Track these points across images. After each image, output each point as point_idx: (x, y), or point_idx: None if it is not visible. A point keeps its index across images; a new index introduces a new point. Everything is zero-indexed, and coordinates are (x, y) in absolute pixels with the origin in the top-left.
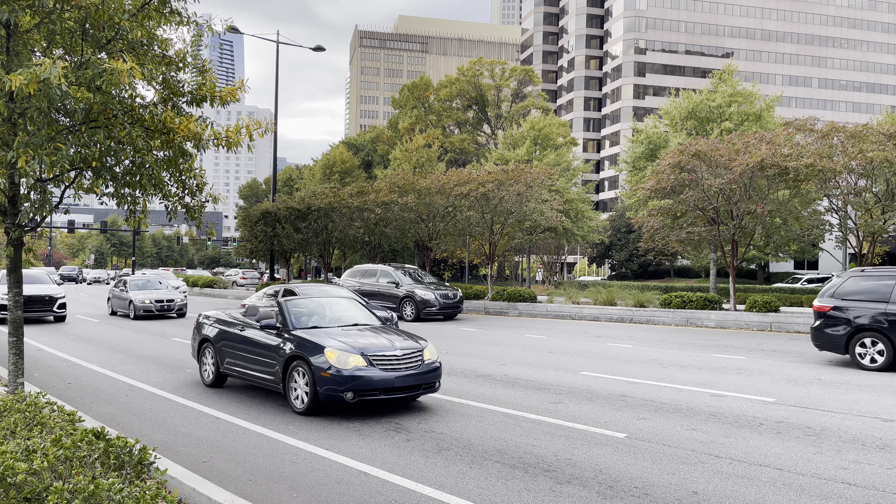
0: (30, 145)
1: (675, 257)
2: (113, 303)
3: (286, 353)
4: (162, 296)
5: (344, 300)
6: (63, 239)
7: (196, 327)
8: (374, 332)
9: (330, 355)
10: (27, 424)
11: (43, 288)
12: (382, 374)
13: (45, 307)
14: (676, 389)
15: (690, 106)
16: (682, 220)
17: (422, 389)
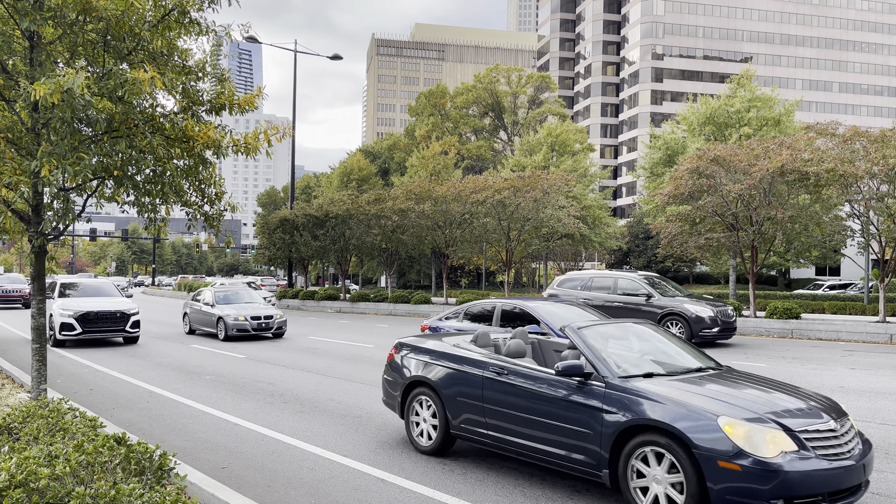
0: (53, 155)
1: (694, 263)
2: (192, 319)
3: (616, 420)
4: (258, 312)
5: (648, 328)
6: (85, 247)
7: (396, 363)
8: (741, 384)
9: (730, 429)
10: (50, 430)
11: (111, 302)
12: (826, 467)
13: (116, 326)
14: None
15: (708, 111)
16: (700, 226)
17: None
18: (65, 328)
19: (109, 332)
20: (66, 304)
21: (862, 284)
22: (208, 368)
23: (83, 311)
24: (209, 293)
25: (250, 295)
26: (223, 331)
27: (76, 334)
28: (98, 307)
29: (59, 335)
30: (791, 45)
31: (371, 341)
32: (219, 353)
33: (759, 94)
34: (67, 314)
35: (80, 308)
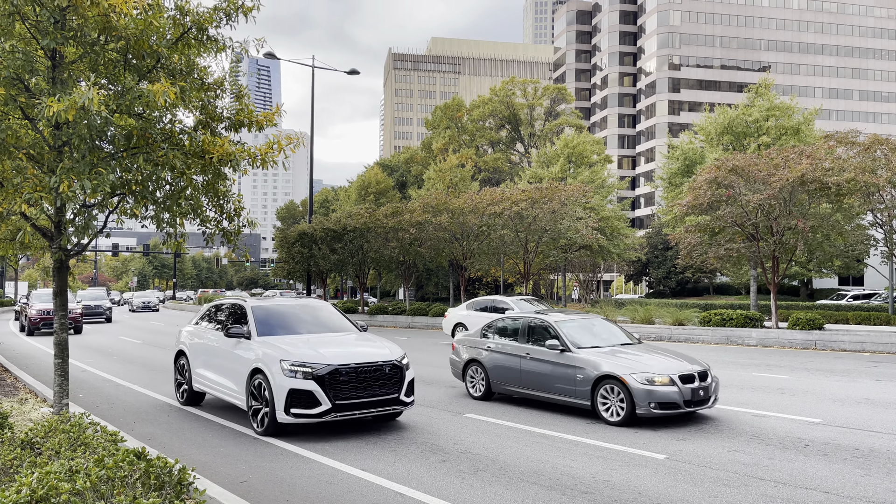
0: (73, 171)
1: (714, 274)
2: None
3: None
4: None
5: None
6: (107, 262)
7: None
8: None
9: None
10: (71, 445)
11: (361, 345)
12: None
13: (386, 393)
14: (717, 409)
15: (726, 121)
16: (720, 237)
17: None
18: (299, 401)
19: (379, 407)
20: (286, 349)
21: (886, 294)
22: None
23: (331, 365)
24: None
25: None
26: None
27: (322, 413)
28: (351, 357)
29: (286, 415)
30: (810, 54)
31: None
32: None
33: (777, 103)
34: (298, 371)
35: (321, 358)
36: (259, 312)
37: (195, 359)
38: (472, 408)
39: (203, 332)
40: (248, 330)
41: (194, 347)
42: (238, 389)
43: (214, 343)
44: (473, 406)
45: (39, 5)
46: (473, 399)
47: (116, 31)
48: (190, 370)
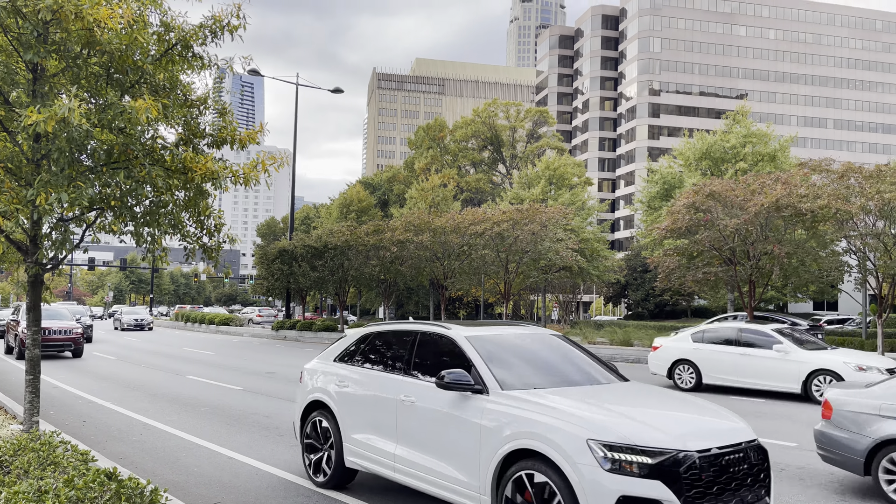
0: (50, 184)
1: (692, 297)
2: None
3: None
4: None
5: None
6: (83, 276)
7: None
8: None
9: None
10: (40, 464)
11: None
12: None
13: None
14: None
15: (705, 146)
16: (697, 261)
17: None
18: None
19: None
20: (583, 416)
21: (860, 319)
22: (203, 400)
23: (684, 450)
24: None
25: None
26: None
27: None
28: (703, 433)
29: None
30: (786, 83)
31: None
32: (214, 384)
33: (754, 130)
34: (627, 459)
35: (659, 435)
36: (486, 348)
37: (351, 417)
38: None
39: (365, 377)
40: (479, 378)
41: (349, 400)
42: (471, 483)
43: (397, 395)
44: None
45: (22, 18)
46: None
47: (100, 45)
48: (339, 434)
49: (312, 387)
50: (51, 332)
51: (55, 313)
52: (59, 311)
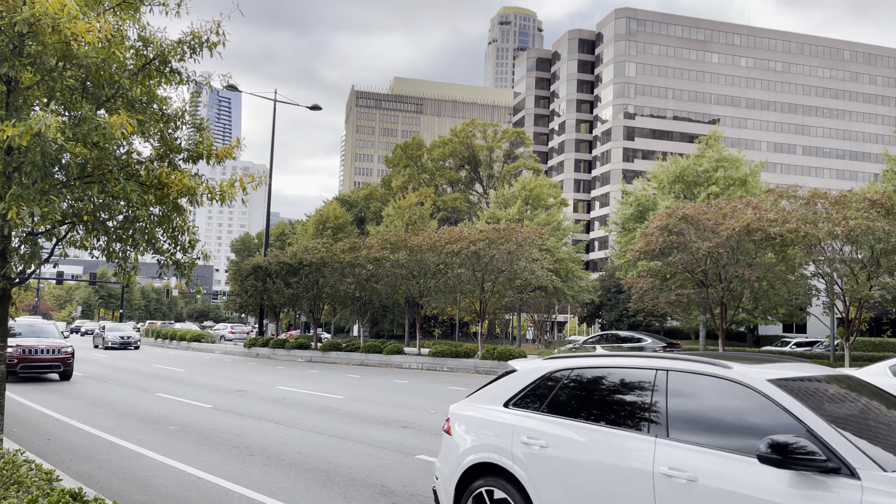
0: (22, 197)
1: (665, 318)
2: None
3: None
4: None
5: None
6: (51, 290)
7: None
8: None
9: None
10: (3, 483)
11: None
12: None
13: None
14: None
15: (678, 170)
16: (670, 282)
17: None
18: None
19: None
20: None
21: (828, 342)
22: (172, 418)
23: None
24: None
25: None
26: None
27: None
28: None
29: None
30: (756, 109)
31: (341, 392)
32: (183, 401)
33: (726, 155)
34: None
35: None
36: (818, 406)
37: (557, 494)
38: None
39: (578, 433)
40: (832, 452)
41: (551, 467)
42: None
43: (649, 465)
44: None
45: None
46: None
47: (76, 58)
48: None
49: (477, 442)
50: (36, 352)
51: (39, 329)
52: (43, 327)
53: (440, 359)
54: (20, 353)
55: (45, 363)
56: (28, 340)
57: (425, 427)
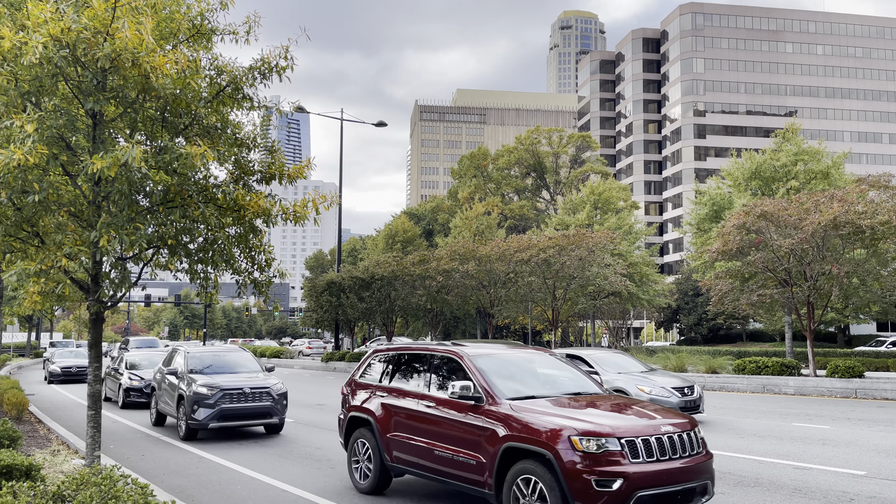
0: (112, 225)
1: (747, 321)
2: None
3: None
4: None
5: None
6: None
7: None
8: None
9: None
10: (102, 498)
11: None
12: None
13: None
14: (756, 461)
15: (754, 166)
16: (751, 283)
17: None
18: None
19: None
20: (206, 381)
21: None
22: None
23: None
24: None
25: None
26: None
27: None
28: None
29: None
30: (836, 98)
31: None
32: None
33: (805, 148)
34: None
35: None
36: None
37: None
38: None
39: None
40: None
41: None
42: None
43: None
44: None
45: (82, 67)
46: None
47: (155, 90)
48: None
49: None
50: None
51: (226, 364)
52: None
53: None
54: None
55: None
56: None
57: None
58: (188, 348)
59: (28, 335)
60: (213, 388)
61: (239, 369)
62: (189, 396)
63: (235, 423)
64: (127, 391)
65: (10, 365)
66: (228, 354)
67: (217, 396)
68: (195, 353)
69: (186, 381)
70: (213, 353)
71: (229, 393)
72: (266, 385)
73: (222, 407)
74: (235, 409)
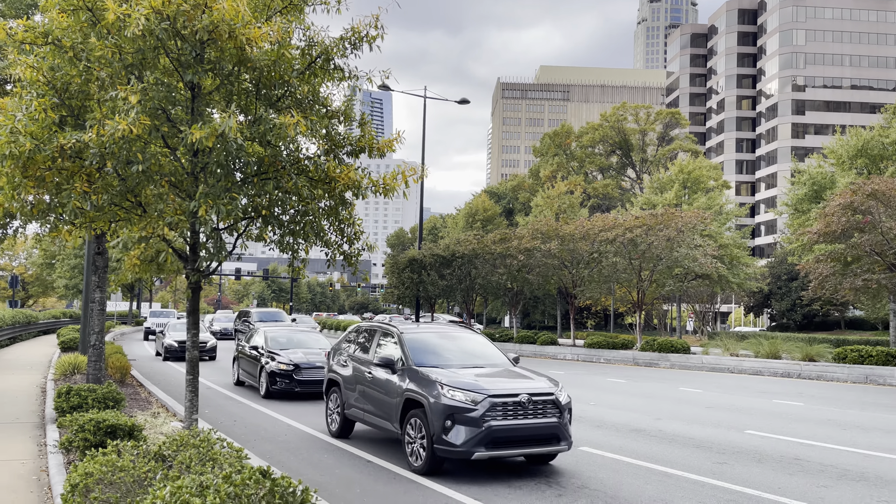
0: (209, 195)
1: (846, 307)
2: None
3: None
4: None
5: None
6: (230, 285)
7: None
8: None
9: None
10: (200, 459)
11: None
12: None
13: None
14: (861, 454)
15: (860, 143)
16: (855, 266)
17: None
18: None
19: None
20: None
21: None
22: None
23: None
24: None
25: None
26: None
27: None
28: None
29: None
30: None
31: None
32: None
33: None
34: None
35: None
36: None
37: None
38: None
39: None
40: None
41: None
42: None
43: None
44: None
45: (182, 39)
46: None
47: (250, 62)
48: None
49: None
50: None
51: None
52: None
53: (596, 350)
54: None
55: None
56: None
57: (586, 418)
58: (401, 327)
59: (130, 304)
60: (479, 392)
61: (481, 361)
62: (438, 407)
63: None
64: (272, 376)
65: (114, 332)
66: (463, 339)
67: (483, 409)
68: (418, 333)
69: (426, 382)
70: (438, 334)
71: (504, 403)
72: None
73: (492, 426)
74: (515, 427)
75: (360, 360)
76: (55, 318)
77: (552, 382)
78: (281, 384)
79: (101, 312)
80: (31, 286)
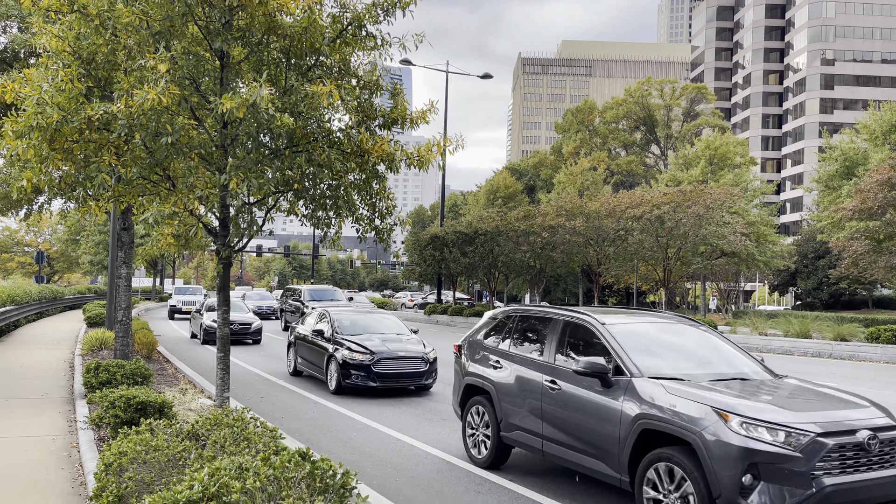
0: (240, 168)
1: (874, 286)
2: None
3: None
4: None
5: None
6: (251, 262)
7: None
8: None
9: None
10: (235, 439)
11: None
12: None
13: None
14: None
15: (895, 118)
16: (890, 245)
17: None
18: None
19: None
20: None
21: None
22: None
23: None
24: None
25: None
26: None
27: None
28: None
29: None
30: None
31: None
32: None
33: None
34: None
35: None
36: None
37: None
38: None
39: None
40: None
41: None
42: None
43: None
44: None
45: (210, 6)
46: None
47: (281, 29)
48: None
49: None
50: None
51: (368, 323)
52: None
53: None
54: None
55: None
56: None
57: None
58: (602, 317)
59: (153, 280)
60: (796, 428)
61: (728, 370)
62: (727, 451)
63: None
64: (345, 367)
65: (139, 307)
66: (692, 337)
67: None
68: (632, 325)
69: (683, 408)
70: (660, 328)
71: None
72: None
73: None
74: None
75: (530, 363)
76: (80, 294)
77: (881, 409)
78: (356, 378)
79: (126, 288)
80: (57, 262)
